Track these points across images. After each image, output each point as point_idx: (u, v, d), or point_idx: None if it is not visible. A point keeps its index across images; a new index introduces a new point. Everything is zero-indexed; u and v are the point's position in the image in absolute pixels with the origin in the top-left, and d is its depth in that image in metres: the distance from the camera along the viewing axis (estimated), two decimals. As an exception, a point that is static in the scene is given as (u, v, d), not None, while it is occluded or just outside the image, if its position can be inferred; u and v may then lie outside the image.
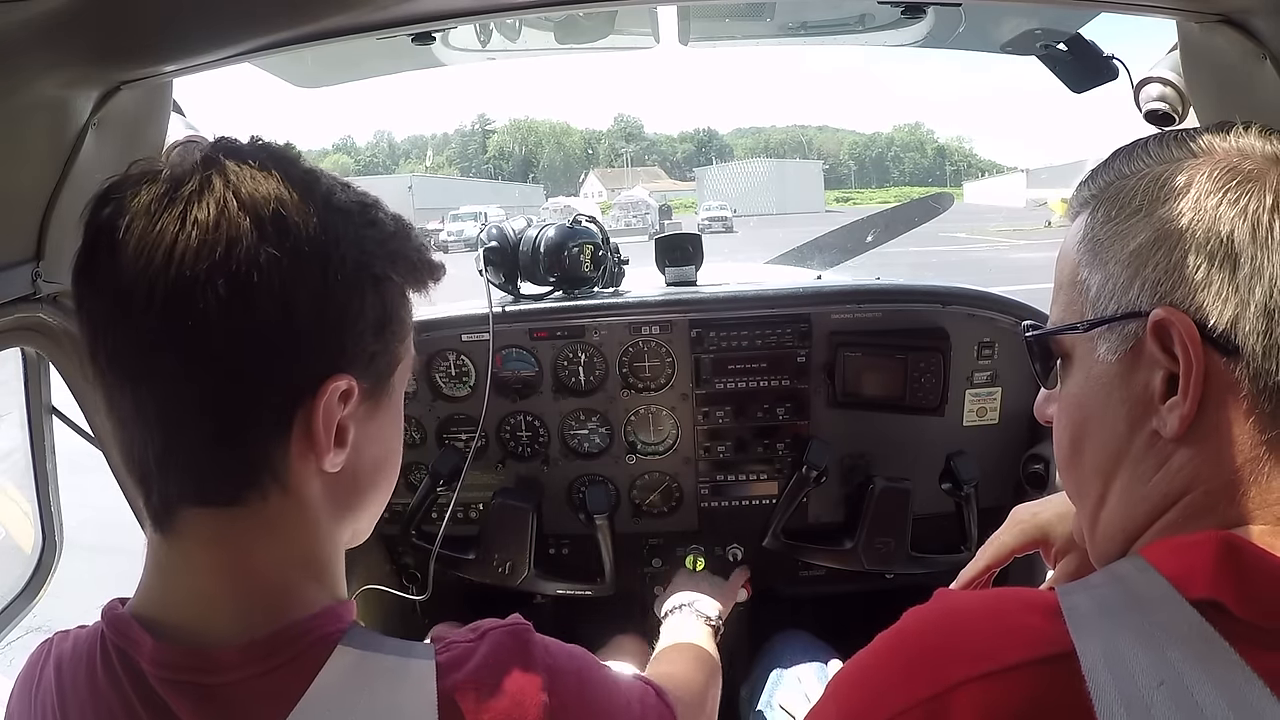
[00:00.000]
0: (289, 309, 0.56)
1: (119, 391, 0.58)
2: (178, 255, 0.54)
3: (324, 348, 0.59)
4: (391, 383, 0.67)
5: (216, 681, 0.57)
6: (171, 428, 0.57)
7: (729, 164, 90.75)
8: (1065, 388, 0.63)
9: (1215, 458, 0.53)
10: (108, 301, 0.56)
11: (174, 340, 0.54)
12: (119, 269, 0.55)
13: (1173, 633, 0.46)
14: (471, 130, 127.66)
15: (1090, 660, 0.46)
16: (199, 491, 0.59)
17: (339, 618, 0.62)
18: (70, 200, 0.98)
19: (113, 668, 0.60)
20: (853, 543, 1.66)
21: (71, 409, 1.24)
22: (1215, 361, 0.52)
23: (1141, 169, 0.58)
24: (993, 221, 31.24)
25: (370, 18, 0.98)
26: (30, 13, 0.70)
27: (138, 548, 1.02)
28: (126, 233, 0.55)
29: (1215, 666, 0.44)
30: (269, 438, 0.58)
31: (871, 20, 1.36)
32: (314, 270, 0.57)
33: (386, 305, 0.63)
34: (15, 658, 0.71)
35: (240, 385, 0.56)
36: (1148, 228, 0.55)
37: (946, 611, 0.55)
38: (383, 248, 0.63)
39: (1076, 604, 0.50)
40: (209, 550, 0.60)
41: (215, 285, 0.53)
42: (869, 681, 0.55)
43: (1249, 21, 0.92)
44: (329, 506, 0.64)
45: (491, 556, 1.65)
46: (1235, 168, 0.54)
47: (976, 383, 1.66)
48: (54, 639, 0.67)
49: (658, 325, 1.65)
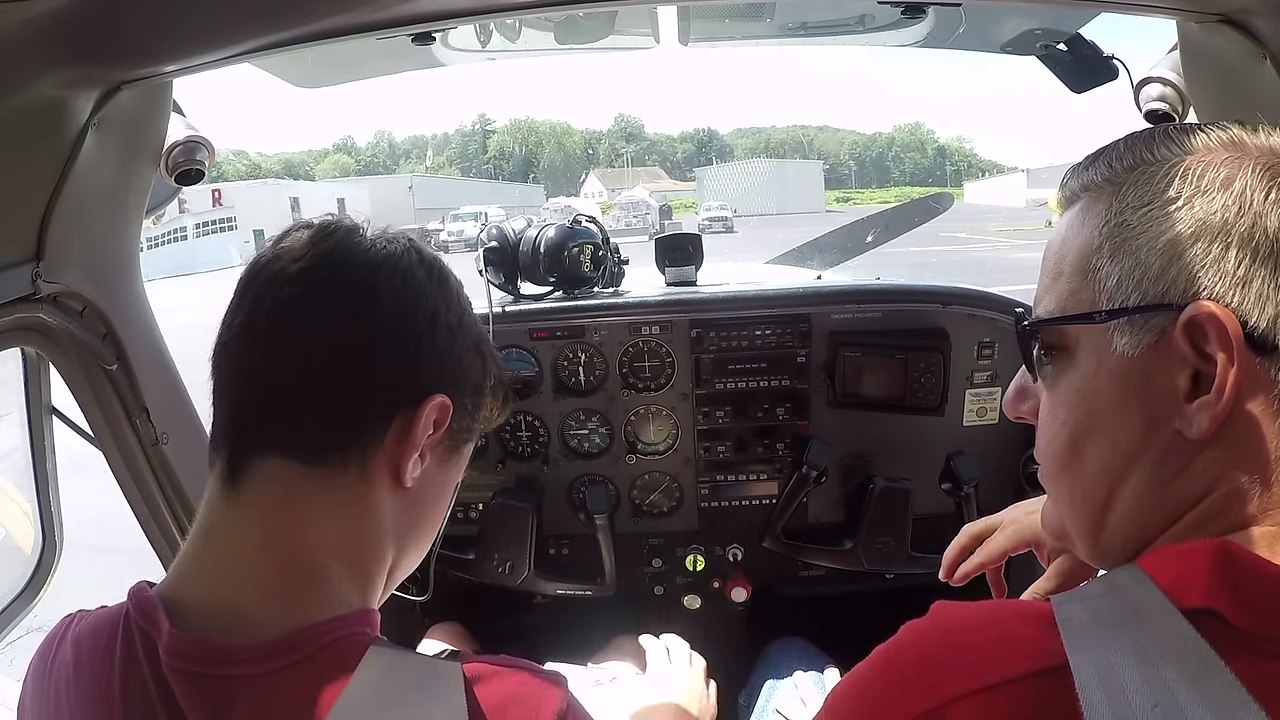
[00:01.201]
0: (434, 326, 0.68)
1: (256, 340, 0.64)
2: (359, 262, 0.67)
3: (443, 371, 0.69)
4: (464, 449, 0.76)
5: (230, 674, 0.58)
6: (300, 384, 0.64)
7: (729, 164, 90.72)
8: (1063, 382, 0.59)
9: (1240, 459, 0.51)
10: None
11: (336, 315, 0.64)
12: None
13: (1167, 649, 0.45)
14: (472, 130, 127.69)
15: (1084, 676, 0.45)
16: (293, 441, 0.64)
17: (368, 624, 0.64)
18: (70, 200, 0.98)
19: (133, 651, 0.61)
20: (853, 543, 1.66)
21: (71, 409, 1.24)
22: (1250, 360, 0.50)
23: (1171, 156, 0.55)
24: (993, 221, 31.27)
25: (370, 18, 0.98)
26: (30, 13, 0.70)
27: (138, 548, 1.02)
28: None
29: (1209, 687, 0.43)
30: (373, 423, 0.65)
31: (871, 20, 1.36)
32: (454, 313, 0.70)
33: (484, 380, 0.74)
34: (15, 658, 0.71)
35: (374, 370, 0.65)
36: (1188, 218, 0.52)
37: (942, 625, 0.54)
38: (490, 348, 0.77)
39: (1071, 615, 0.49)
40: (267, 514, 0.63)
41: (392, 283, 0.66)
42: (865, 695, 0.54)
43: (1249, 21, 0.92)
44: (390, 516, 0.69)
45: (491, 556, 1.65)
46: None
47: (976, 383, 1.66)
48: (75, 616, 0.68)
49: (658, 325, 1.65)
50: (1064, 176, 0.62)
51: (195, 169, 1.17)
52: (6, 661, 1.73)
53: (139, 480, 1.27)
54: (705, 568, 1.76)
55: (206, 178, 1.21)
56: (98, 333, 1.14)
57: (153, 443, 1.25)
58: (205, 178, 1.20)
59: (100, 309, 1.13)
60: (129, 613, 0.63)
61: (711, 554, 1.76)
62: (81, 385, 1.19)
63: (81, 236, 1.06)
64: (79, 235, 1.05)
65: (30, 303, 1.02)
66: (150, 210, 1.22)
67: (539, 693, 0.61)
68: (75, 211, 1.00)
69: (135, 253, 1.22)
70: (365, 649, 0.60)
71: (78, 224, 1.03)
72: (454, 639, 1.67)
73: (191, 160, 1.16)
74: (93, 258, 1.11)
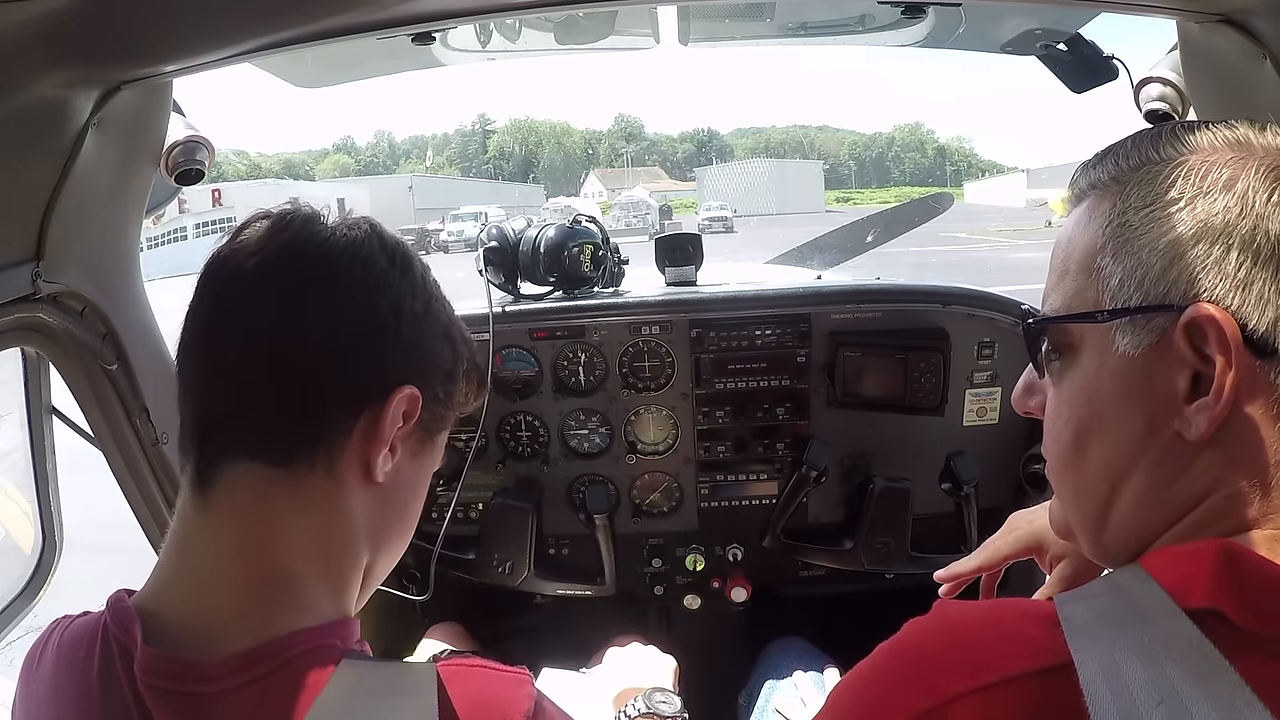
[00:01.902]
0: (398, 315, 0.65)
1: (216, 340, 0.63)
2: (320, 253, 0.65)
3: (409, 361, 0.67)
4: (437, 438, 0.74)
5: (200, 690, 0.57)
6: (262, 383, 0.62)
7: (729, 164, 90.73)
8: (1067, 380, 0.60)
9: (1239, 461, 0.52)
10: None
11: (295, 309, 0.62)
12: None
13: (1171, 648, 0.45)
14: (471, 130, 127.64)
15: (1088, 674, 0.45)
16: (258, 443, 0.62)
17: (341, 635, 0.62)
18: (70, 200, 0.98)
19: (111, 663, 0.60)
20: (853, 543, 1.66)
21: (71, 409, 1.24)
22: (1249, 363, 0.50)
23: (1176, 156, 0.55)
24: (993, 221, 31.26)
25: (370, 18, 0.98)
26: (30, 13, 0.70)
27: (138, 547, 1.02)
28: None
29: (1213, 685, 0.43)
30: (339, 419, 0.64)
31: (871, 20, 1.36)
32: (419, 300, 0.68)
33: (455, 367, 0.72)
34: (15, 658, 0.71)
35: (336, 365, 0.63)
36: (1189, 219, 0.52)
37: (945, 623, 0.54)
38: (461, 331, 0.74)
39: (1074, 614, 0.49)
40: (238, 521, 0.62)
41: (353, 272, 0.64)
42: (867, 694, 0.54)
43: (1249, 21, 0.92)
44: (362, 515, 0.67)
45: (491, 556, 1.65)
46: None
47: (976, 383, 1.66)
48: (59, 624, 0.68)
49: (658, 325, 1.64)
50: (1073, 174, 0.62)
51: (195, 169, 1.17)
52: (6, 661, 1.73)
53: (139, 480, 1.27)
54: (705, 568, 1.75)
55: (206, 178, 1.21)
56: (98, 333, 1.15)
57: (153, 443, 1.25)
58: (205, 178, 1.20)
59: (100, 309, 1.13)
60: (107, 624, 0.62)
61: (711, 554, 1.76)
62: (81, 385, 1.19)
63: (81, 236, 1.06)
64: (79, 235, 1.05)
65: (30, 303, 1.02)
66: (150, 210, 1.22)
67: (507, 691, 0.61)
68: (75, 211, 1.00)
69: (135, 253, 1.22)
70: (338, 660, 0.59)
71: (78, 224, 1.03)
72: (454, 639, 1.67)
73: (191, 160, 1.16)
74: (93, 258, 1.11)
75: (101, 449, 1.24)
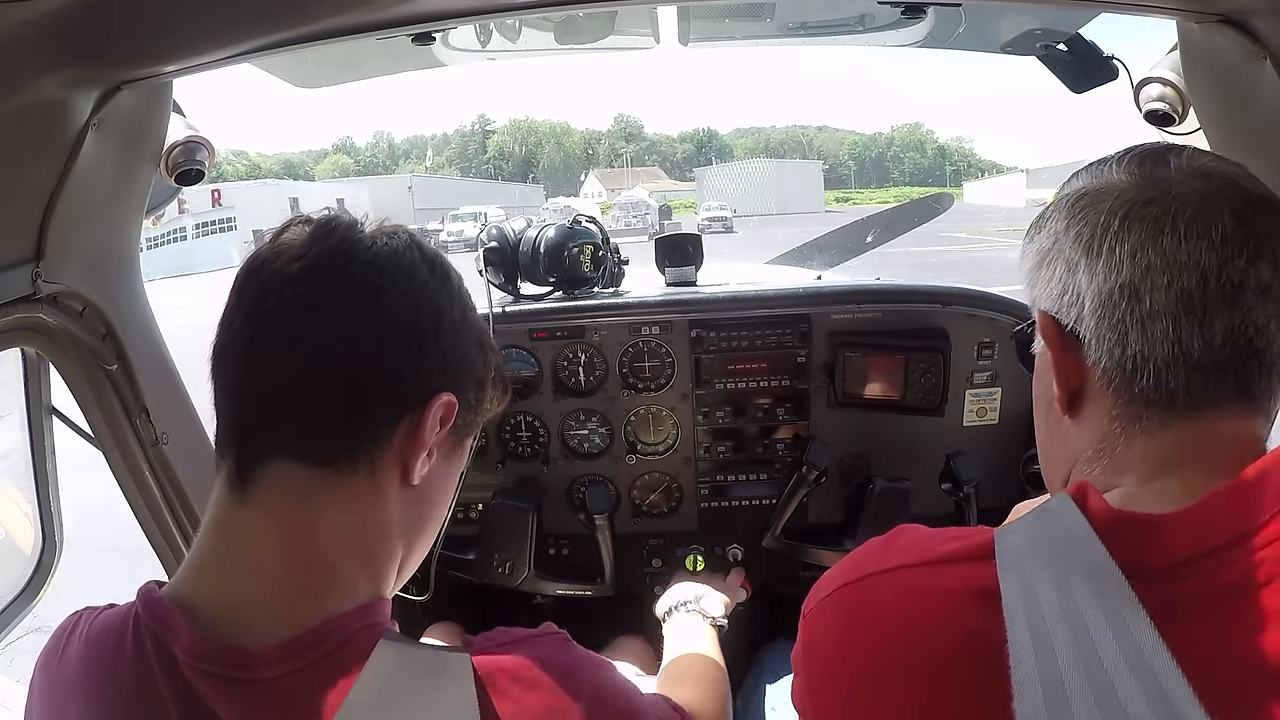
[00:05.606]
0: (438, 324, 0.67)
1: (256, 343, 0.64)
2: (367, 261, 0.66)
3: (448, 369, 0.69)
4: (466, 442, 0.76)
5: (255, 677, 0.58)
6: (306, 388, 0.63)
7: (729, 164, 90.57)
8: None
9: (1087, 432, 0.64)
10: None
11: (340, 316, 0.64)
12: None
13: (1081, 565, 0.54)
14: (471, 130, 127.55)
15: (1010, 596, 0.54)
16: (301, 445, 0.63)
17: (381, 614, 0.65)
18: (70, 200, 0.98)
19: (144, 652, 0.61)
20: (853, 543, 1.66)
21: (71, 409, 1.24)
22: (1075, 350, 0.63)
23: (1065, 190, 0.68)
24: (993, 221, 31.21)
25: (370, 18, 0.98)
26: (30, 13, 0.70)
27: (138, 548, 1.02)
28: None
29: (1110, 600, 0.51)
30: (381, 424, 0.65)
31: (871, 20, 1.36)
32: (457, 308, 0.70)
33: (486, 374, 0.75)
34: (15, 658, 0.71)
35: (380, 372, 0.65)
36: (1035, 245, 0.67)
37: (896, 531, 0.70)
38: (490, 339, 0.77)
39: (1009, 546, 0.58)
40: (279, 514, 0.63)
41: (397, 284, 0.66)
42: (818, 590, 0.71)
43: (1249, 21, 0.92)
44: (398, 514, 0.69)
45: (491, 557, 1.65)
46: (1084, 192, 0.64)
47: (976, 383, 1.66)
48: (84, 614, 0.68)
49: (658, 325, 1.65)
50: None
51: (195, 169, 1.17)
52: (6, 661, 1.73)
53: (139, 480, 1.27)
54: (705, 568, 1.75)
55: (206, 178, 1.21)
56: (98, 333, 1.15)
57: (153, 443, 1.25)
58: (205, 178, 1.20)
59: (100, 309, 1.13)
60: (138, 614, 0.63)
61: (711, 554, 1.76)
62: (81, 385, 1.19)
63: (81, 236, 1.06)
64: (79, 235, 1.05)
65: (30, 303, 1.02)
66: (150, 210, 1.22)
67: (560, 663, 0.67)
68: (75, 211, 1.00)
69: (135, 253, 1.22)
70: (376, 641, 0.60)
71: (78, 224, 1.03)
72: (453, 639, 1.67)
73: (191, 160, 1.16)
74: (93, 258, 1.11)
75: (101, 449, 1.24)
